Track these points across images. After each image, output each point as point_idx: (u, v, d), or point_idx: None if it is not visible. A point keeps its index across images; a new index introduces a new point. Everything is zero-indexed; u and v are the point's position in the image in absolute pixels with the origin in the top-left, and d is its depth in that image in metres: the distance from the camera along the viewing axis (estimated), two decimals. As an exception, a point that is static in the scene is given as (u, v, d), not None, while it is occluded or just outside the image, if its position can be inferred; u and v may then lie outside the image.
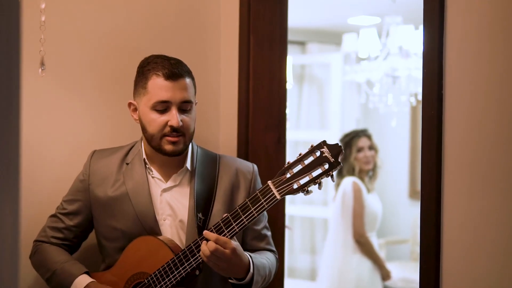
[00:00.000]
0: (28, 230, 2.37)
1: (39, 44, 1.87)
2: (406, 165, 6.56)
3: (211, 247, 1.97)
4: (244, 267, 2.05)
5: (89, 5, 2.56)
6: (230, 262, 2.00)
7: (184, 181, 2.22)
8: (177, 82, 2.11)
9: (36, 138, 2.47)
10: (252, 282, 2.08)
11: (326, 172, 1.92)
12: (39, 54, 1.84)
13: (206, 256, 1.98)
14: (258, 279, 2.11)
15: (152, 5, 2.69)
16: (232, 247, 1.99)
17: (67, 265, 2.21)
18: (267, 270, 2.20)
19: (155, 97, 2.10)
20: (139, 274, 2.14)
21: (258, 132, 2.73)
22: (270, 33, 2.75)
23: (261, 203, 1.98)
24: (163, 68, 2.11)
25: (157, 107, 2.11)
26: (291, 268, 6.37)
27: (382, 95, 5.26)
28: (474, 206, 1.93)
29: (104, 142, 2.49)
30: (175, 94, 2.10)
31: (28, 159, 2.44)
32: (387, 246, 6.14)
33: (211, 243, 1.97)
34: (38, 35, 1.89)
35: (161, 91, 2.10)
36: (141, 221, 2.16)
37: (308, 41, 6.50)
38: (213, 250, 1.96)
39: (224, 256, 1.98)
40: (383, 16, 5.20)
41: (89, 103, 2.57)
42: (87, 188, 2.25)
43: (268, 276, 2.22)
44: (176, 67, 2.13)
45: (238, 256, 2.01)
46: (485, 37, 1.91)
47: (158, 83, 2.11)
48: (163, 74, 2.11)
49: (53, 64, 2.42)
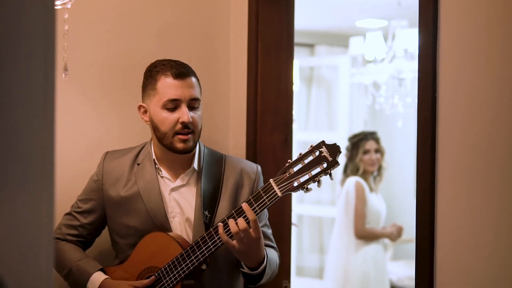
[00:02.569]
0: None
1: (62, 51, 1.97)
2: (412, 165, 6.56)
3: (242, 225, 2.03)
4: (260, 257, 2.12)
5: (105, 14, 2.66)
6: (251, 248, 2.06)
7: (191, 180, 2.28)
8: (185, 80, 2.19)
9: (53, 139, 2.54)
10: (263, 273, 2.15)
11: (324, 171, 1.99)
12: (62, 60, 1.93)
13: (235, 232, 2.02)
14: (268, 272, 2.17)
15: (165, 13, 2.77)
16: (260, 234, 2.06)
17: (82, 262, 2.27)
18: (275, 265, 2.26)
19: (166, 96, 2.18)
20: (150, 268, 2.20)
21: (265, 133, 2.78)
22: (277, 38, 2.81)
23: (263, 200, 2.05)
24: (171, 68, 2.19)
25: (168, 105, 2.18)
26: (299, 267, 6.37)
27: (388, 97, 5.29)
28: (467, 205, 1.95)
29: (115, 143, 2.54)
30: (184, 92, 2.18)
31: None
32: (394, 245, 6.15)
33: (242, 222, 2.04)
34: (62, 42, 1.99)
35: (171, 89, 2.17)
36: (152, 218, 2.22)
37: (317, 44, 6.51)
38: (243, 228, 2.02)
39: (248, 238, 2.03)
40: (390, 20, 5.22)
41: (102, 106, 2.65)
42: (100, 188, 2.31)
43: (275, 271, 2.28)
44: (183, 67, 2.22)
45: (259, 244, 2.08)
46: (480, 39, 1.93)
47: (168, 83, 2.18)
48: (171, 74, 2.18)
49: (73, 68, 2.50)
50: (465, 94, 1.96)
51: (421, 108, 2.01)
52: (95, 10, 2.65)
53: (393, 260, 5.98)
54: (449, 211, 1.98)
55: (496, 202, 1.90)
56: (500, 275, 1.89)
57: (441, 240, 1.99)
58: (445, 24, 1.98)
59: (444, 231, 1.99)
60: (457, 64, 1.98)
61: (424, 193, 2.01)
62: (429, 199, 1.99)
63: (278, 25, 2.81)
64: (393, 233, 4.80)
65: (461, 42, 1.97)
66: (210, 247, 2.10)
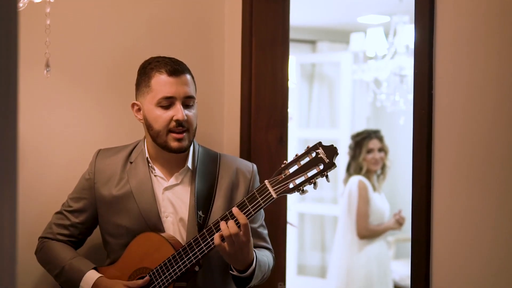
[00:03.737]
0: (34, 226, 2.41)
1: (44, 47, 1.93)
2: (415, 163, 6.51)
3: (233, 229, 2.00)
4: (249, 260, 2.09)
5: (94, 8, 2.61)
6: (242, 251, 2.03)
7: (185, 180, 2.25)
8: (179, 78, 2.16)
9: (42, 138, 2.51)
10: (252, 276, 2.11)
11: (320, 173, 1.96)
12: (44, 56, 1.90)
13: (226, 236, 2.00)
14: (258, 274, 2.14)
15: (157, 7, 2.72)
16: (250, 237, 2.03)
17: (74, 261, 2.25)
18: (267, 267, 2.23)
19: (160, 93, 2.15)
20: (141, 269, 2.17)
21: (260, 131, 2.74)
22: (272, 33, 2.77)
23: (257, 202, 2.01)
24: (166, 65, 2.16)
25: (162, 103, 2.15)
26: (301, 266, 6.36)
27: (390, 94, 5.25)
28: (464, 205, 1.93)
29: (108, 141, 2.52)
30: (178, 90, 2.15)
31: (35, 157, 2.48)
32: (396, 243, 6.13)
33: (233, 226, 2.01)
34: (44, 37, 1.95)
35: (165, 87, 2.15)
36: (145, 218, 2.20)
37: (318, 40, 6.49)
38: (234, 233, 2.00)
39: (238, 242, 2.01)
40: (391, 15, 5.19)
41: (95, 104, 2.61)
42: (92, 186, 2.29)
43: (267, 273, 2.25)
44: (177, 64, 2.19)
45: (249, 248, 2.05)
46: (477, 35, 1.90)
47: (162, 80, 2.15)
48: (166, 71, 2.15)
49: (61, 66, 2.47)
50: (462, 91, 1.94)
51: (417, 106, 2.00)
52: (80, 3, 2.59)
53: (395, 259, 5.95)
54: (445, 212, 1.96)
55: (494, 202, 1.88)
56: (498, 277, 1.87)
57: (437, 242, 1.97)
58: (442, 19, 1.96)
59: (440, 232, 1.97)
60: (454, 61, 1.95)
61: (420, 193, 1.99)
62: (425, 200, 1.97)
63: (274, 20, 2.78)
64: (395, 222, 4.72)
65: (458, 38, 1.95)
66: (203, 248, 2.07)
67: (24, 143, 2.45)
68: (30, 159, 2.48)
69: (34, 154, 2.49)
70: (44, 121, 2.51)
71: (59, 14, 2.40)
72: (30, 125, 2.48)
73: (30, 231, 2.41)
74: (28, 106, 2.48)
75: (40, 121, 2.51)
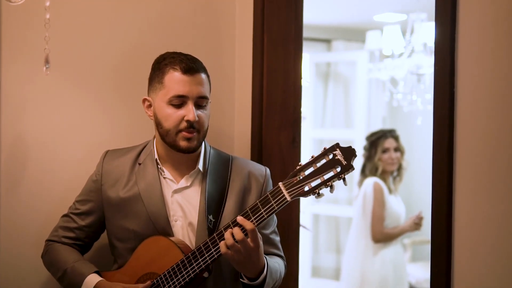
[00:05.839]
0: (41, 229, 2.40)
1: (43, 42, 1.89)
2: (432, 163, 6.47)
3: (238, 236, 1.95)
4: (260, 267, 2.04)
5: (98, 2, 2.55)
6: (250, 258, 1.98)
7: (195, 182, 2.21)
8: (194, 76, 2.12)
9: (49, 138, 2.48)
10: (264, 283, 2.06)
11: (338, 175, 1.90)
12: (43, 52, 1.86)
13: (229, 245, 1.95)
14: (269, 281, 2.09)
15: (167, 3, 2.68)
16: (259, 243, 1.98)
17: (77, 264, 2.23)
18: (278, 274, 2.18)
19: (172, 91, 2.11)
20: (149, 275, 2.13)
21: (271, 132, 2.72)
22: (284, 31, 2.74)
23: (271, 205, 1.96)
24: (181, 62, 2.12)
25: (174, 101, 2.11)
26: (315, 267, 6.38)
27: (407, 93, 5.19)
28: (486, 208, 1.90)
29: (117, 141, 2.49)
30: (192, 89, 2.11)
31: (42, 158, 2.46)
32: (413, 246, 6.08)
33: (238, 232, 1.95)
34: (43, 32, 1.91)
35: (179, 85, 2.11)
36: (153, 222, 2.16)
37: (334, 39, 6.51)
38: (239, 239, 1.95)
39: (246, 249, 1.95)
40: (408, 13, 5.16)
41: (103, 102, 2.58)
42: (99, 188, 2.26)
43: (278, 281, 2.20)
44: (193, 62, 2.15)
45: (259, 254, 2.00)
46: (502, 31, 1.87)
47: (176, 77, 2.11)
48: (180, 68, 2.12)
49: (62, 62, 2.44)
50: (486, 90, 1.90)
51: (437, 106, 1.97)
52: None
53: (412, 262, 5.90)
54: (467, 218, 1.93)
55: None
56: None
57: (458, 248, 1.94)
58: (465, 15, 1.93)
59: (462, 239, 1.93)
60: (477, 58, 1.91)
61: (440, 197, 1.95)
62: (446, 205, 1.93)
63: (286, 16, 2.75)
64: (412, 224, 4.63)
65: (482, 34, 1.91)
66: (213, 253, 2.03)
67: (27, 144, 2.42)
68: (37, 160, 2.46)
69: (42, 154, 2.47)
70: (52, 121, 2.49)
71: (59, 7, 2.35)
72: (32, 125, 2.45)
73: (38, 234, 2.41)
74: (31, 105, 2.45)
75: (43, 120, 2.48)
